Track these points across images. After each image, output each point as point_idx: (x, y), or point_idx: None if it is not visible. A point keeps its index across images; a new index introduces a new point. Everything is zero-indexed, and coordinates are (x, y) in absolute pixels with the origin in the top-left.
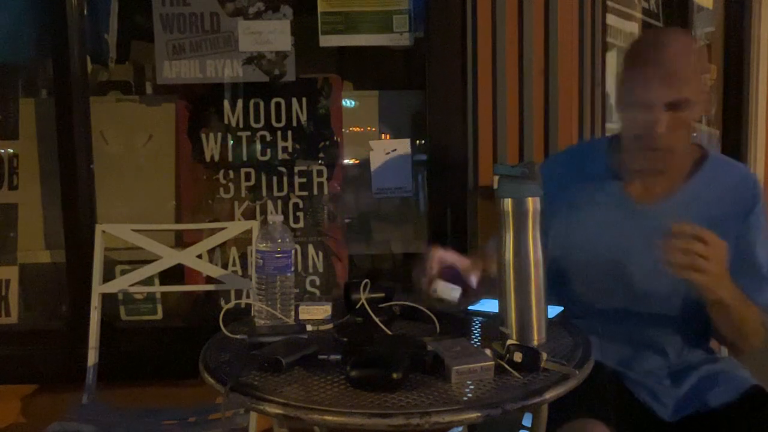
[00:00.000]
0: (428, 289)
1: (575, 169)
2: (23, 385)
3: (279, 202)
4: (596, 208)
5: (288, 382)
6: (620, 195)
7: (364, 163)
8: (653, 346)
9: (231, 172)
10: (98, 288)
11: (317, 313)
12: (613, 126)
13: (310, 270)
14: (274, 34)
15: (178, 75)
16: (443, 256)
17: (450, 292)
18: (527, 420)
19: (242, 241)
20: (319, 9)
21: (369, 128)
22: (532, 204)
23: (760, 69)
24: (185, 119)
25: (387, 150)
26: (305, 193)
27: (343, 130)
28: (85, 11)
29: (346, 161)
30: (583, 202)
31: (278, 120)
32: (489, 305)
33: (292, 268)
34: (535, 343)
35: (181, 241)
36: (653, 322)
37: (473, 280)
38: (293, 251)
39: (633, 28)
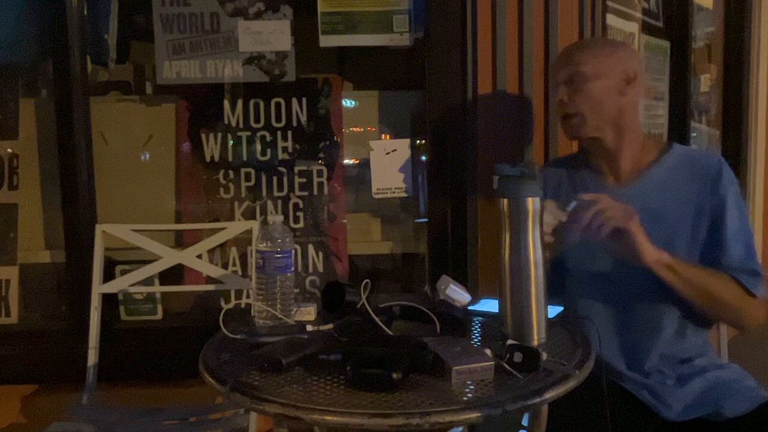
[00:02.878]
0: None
1: (563, 172)
2: (23, 385)
3: (279, 202)
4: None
5: (288, 382)
6: (597, 181)
7: (364, 163)
8: (648, 337)
9: (231, 172)
10: (98, 288)
11: (304, 314)
12: None
13: (310, 270)
14: (274, 34)
15: (178, 75)
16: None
17: (459, 295)
18: (527, 420)
19: (242, 241)
20: (319, 9)
21: (369, 128)
22: (532, 204)
23: (760, 69)
24: (185, 119)
25: (387, 150)
26: (305, 193)
27: (343, 130)
28: (85, 11)
29: (346, 161)
30: (571, 197)
31: (278, 120)
32: (489, 305)
33: (292, 268)
34: (535, 343)
35: (181, 241)
36: (646, 308)
37: None
38: (293, 251)
39: (633, 28)
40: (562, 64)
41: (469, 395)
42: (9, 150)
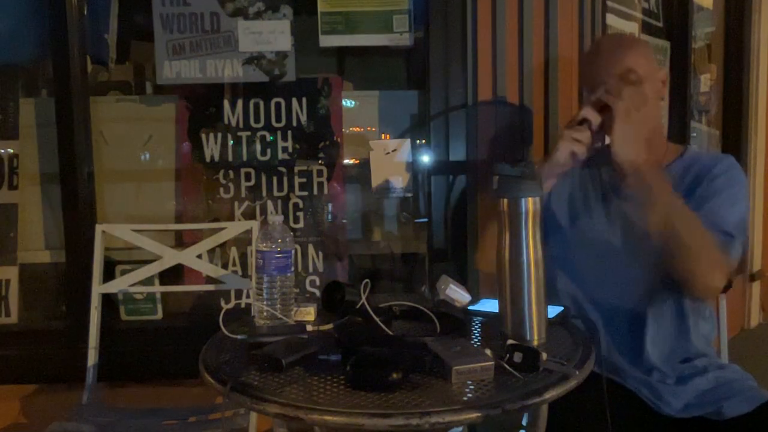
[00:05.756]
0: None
1: (584, 168)
2: (23, 385)
3: (279, 202)
4: (592, 199)
5: (288, 382)
6: (617, 180)
7: (364, 163)
8: (646, 332)
9: (231, 172)
10: (98, 288)
11: (304, 314)
12: None
13: (310, 270)
14: (274, 34)
15: (178, 75)
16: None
17: (459, 295)
18: (527, 420)
19: (242, 241)
20: (319, 9)
21: (369, 128)
22: (532, 204)
23: (760, 69)
24: (185, 119)
25: (387, 150)
26: (305, 193)
27: (343, 130)
28: (85, 11)
29: (346, 161)
30: (582, 196)
31: (278, 120)
32: (489, 305)
33: (292, 268)
34: (535, 343)
35: (181, 241)
36: (641, 303)
37: None
38: (293, 251)
39: (633, 28)
40: (610, 63)
41: (469, 395)
42: (9, 150)
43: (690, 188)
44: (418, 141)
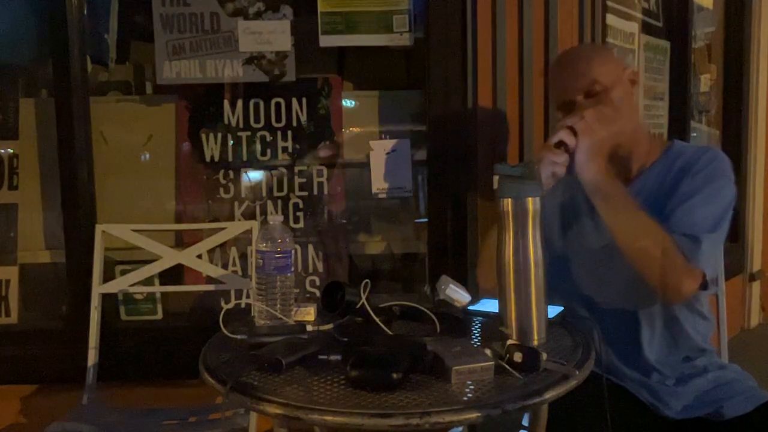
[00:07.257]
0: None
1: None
2: (23, 385)
3: (279, 202)
4: (580, 204)
5: (288, 382)
6: None
7: (364, 163)
8: (640, 332)
9: (231, 172)
10: (98, 288)
11: (304, 314)
12: None
13: (310, 270)
14: (274, 34)
15: (178, 75)
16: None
17: (459, 295)
18: (527, 420)
19: (242, 241)
20: (319, 9)
21: (369, 128)
22: (532, 204)
23: (760, 69)
24: (185, 119)
25: (387, 150)
26: (305, 193)
27: (343, 130)
28: (85, 11)
29: (346, 161)
30: (571, 203)
31: (278, 120)
32: (489, 305)
33: (292, 268)
34: (535, 343)
35: (181, 241)
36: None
37: None
38: (293, 251)
39: (633, 28)
40: (573, 78)
41: (469, 395)
42: (9, 150)
43: (675, 184)
44: (418, 141)
